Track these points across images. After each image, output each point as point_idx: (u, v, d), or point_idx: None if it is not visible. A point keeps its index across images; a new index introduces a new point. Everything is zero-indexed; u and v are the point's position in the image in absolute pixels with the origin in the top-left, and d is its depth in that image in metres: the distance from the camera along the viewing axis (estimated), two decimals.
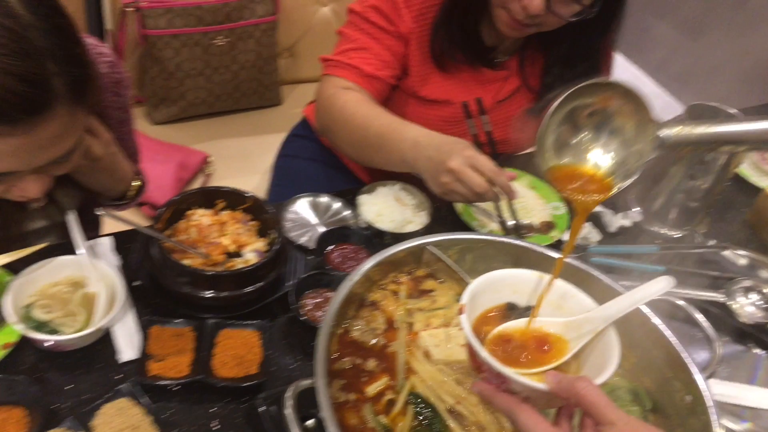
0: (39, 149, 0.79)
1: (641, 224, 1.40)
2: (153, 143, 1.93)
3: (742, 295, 1.21)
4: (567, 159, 0.86)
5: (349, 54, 1.34)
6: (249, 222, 1.15)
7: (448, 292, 0.92)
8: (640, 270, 1.26)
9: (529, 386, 0.66)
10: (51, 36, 0.75)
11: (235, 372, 0.95)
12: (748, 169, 1.64)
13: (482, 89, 1.44)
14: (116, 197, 1.18)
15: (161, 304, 1.03)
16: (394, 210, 1.27)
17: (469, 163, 1.10)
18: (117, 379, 0.94)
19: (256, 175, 1.97)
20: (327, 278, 1.09)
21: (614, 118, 0.84)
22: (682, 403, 0.81)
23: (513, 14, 1.25)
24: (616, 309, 0.74)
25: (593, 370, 0.71)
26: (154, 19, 1.91)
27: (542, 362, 0.73)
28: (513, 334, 0.76)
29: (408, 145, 1.19)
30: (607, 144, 0.85)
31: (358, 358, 0.82)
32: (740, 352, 1.18)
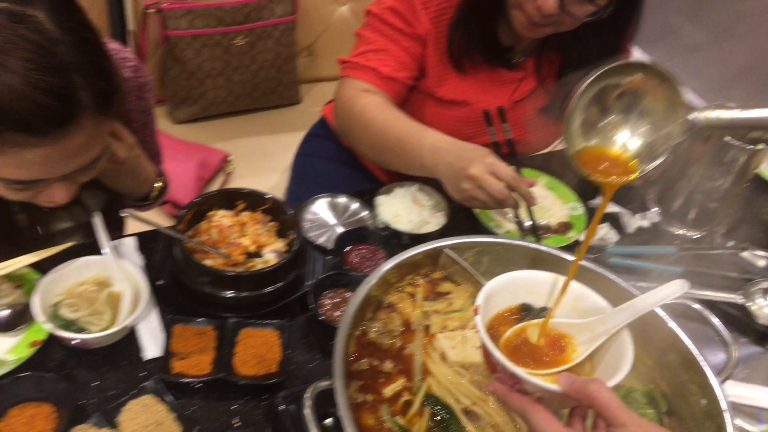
0: (66, 158, 0.81)
1: (660, 225, 1.40)
2: (174, 142, 1.96)
3: (761, 296, 1.21)
4: (594, 140, 0.84)
5: (366, 56, 1.35)
6: (268, 223, 1.17)
7: (465, 294, 0.94)
8: (658, 271, 1.26)
9: (542, 387, 0.67)
10: (78, 50, 0.77)
11: (256, 370, 0.97)
12: (766, 168, 1.62)
13: (499, 90, 1.45)
14: (140, 198, 1.20)
15: (184, 303, 1.05)
16: (411, 211, 1.28)
17: (489, 170, 1.12)
18: (141, 376, 0.96)
19: (275, 173, 1.99)
20: (345, 278, 1.11)
21: (644, 99, 0.82)
22: (698, 407, 0.82)
23: (528, 14, 1.25)
24: (630, 312, 0.75)
25: (607, 372, 0.72)
26: (175, 20, 1.94)
27: (556, 363, 0.74)
28: (528, 335, 0.77)
29: (427, 151, 1.20)
30: (636, 126, 0.83)
31: (376, 360, 0.84)
32: (758, 353, 1.18)
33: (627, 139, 0.82)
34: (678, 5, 2.67)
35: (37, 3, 0.75)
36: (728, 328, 1.19)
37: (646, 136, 0.82)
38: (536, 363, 0.74)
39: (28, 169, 0.80)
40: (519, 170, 1.19)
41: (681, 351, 0.85)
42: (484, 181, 1.12)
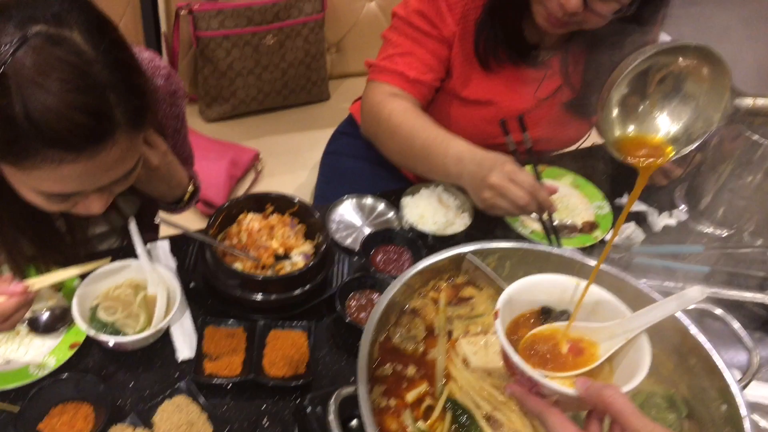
0: (101, 172, 0.85)
1: (687, 223, 1.39)
2: (206, 141, 2.00)
3: None
4: (633, 126, 0.82)
5: (393, 59, 1.37)
6: (296, 225, 1.20)
7: (487, 299, 0.95)
8: (685, 270, 1.26)
9: (559, 390, 0.69)
10: (112, 69, 0.80)
11: (284, 371, 1.00)
12: None
13: (524, 88, 1.45)
14: (173, 201, 1.24)
15: (215, 306, 1.09)
16: (436, 211, 1.30)
17: (509, 178, 1.13)
18: (176, 377, 1.01)
19: (305, 170, 2.02)
20: (371, 280, 1.13)
21: (686, 82, 0.79)
22: (718, 412, 0.83)
23: (551, 11, 1.25)
24: (649, 317, 0.75)
25: (625, 376, 0.73)
26: (206, 21, 1.98)
27: (575, 366, 0.75)
28: (547, 338, 0.78)
29: (452, 161, 1.22)
30: (676, 110, 0.81)
31: (399, 365, 0.86)
32: None
33: (666, 123, 0.80)
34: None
35: (73, 24, 0.78)
36: (755, 327, 1.20)
37: (686, 121, 0.79)
38: (556, 365, 0.75)
39: (65, 183, 0.84)
40: (539, 177, 1.20)
41: (702, 355, 0.85)
42: (504, 189, 1.13)
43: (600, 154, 1.57)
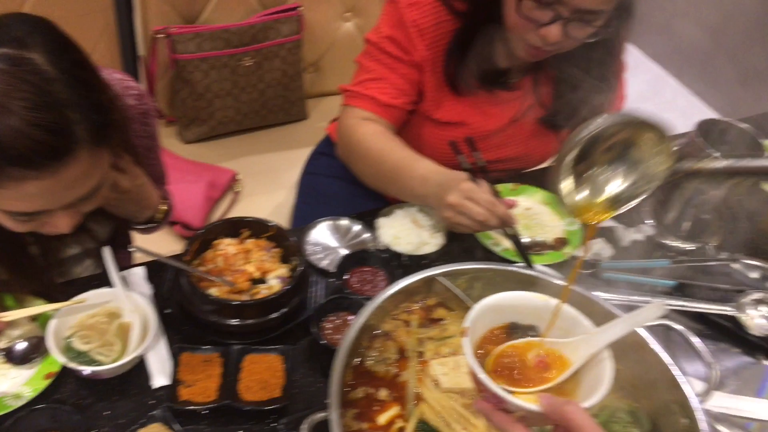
0: (64, 189, 0.87)
1: (654, 238, 1.43)
2: (183, 163, 2.01)
3: (752, 307, 1.23)
4: (584, 191, 0.86)
5: (366, 84, 1.40)
6: (272, 249, 1.22)
7: (458, 320, 0.98)
8: (652, 284, 1.29)
9: (523, 407, 0.71)
10: (72, 87, 0.82)
11: (260, 396, 1.02)
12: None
13: (496, 110, 1.48)
14: (145, 222, 1.26)
15: (191, 332, 1.11)
16: (411, 232, 1.32)
17: (466, 196, 1.16)
18: (150, 404, 1.02)
19: (283, 190, 2.04)
20: (347, 302, 1.15)
21: (632, 148, 0.84)
22: (679, 425, 0.86)
23: (532, 43, 1.28)
24: (611, 334, 0.78)
25: (588, 391, 0.75)
26: (183, 43, 1.99)
27: (541, 381, 0.78)
28: (515, 354, 0.81)
29: (418, 182, 1.25)
30: (623, 173, 0.85)
31: (371, 388, 0.88)
32: (750, 364, 1.21)
33: (614, 186, 0.85)
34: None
35: (35, 46, 0.81)
36: (719, 339, 1.23)
37: (632, 182, 0.84)
38: (523, 381, 0.77)
39: (29, 201, 0.85)
40: (497, 192, 1.22)
41: (663, 370, 0.88)
42: (462, 207, 1.16)
43: None
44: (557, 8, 1.19)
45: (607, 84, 1.47)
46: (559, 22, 1.21)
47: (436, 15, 1.36)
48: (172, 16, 2.02)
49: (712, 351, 1.21)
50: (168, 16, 2.01)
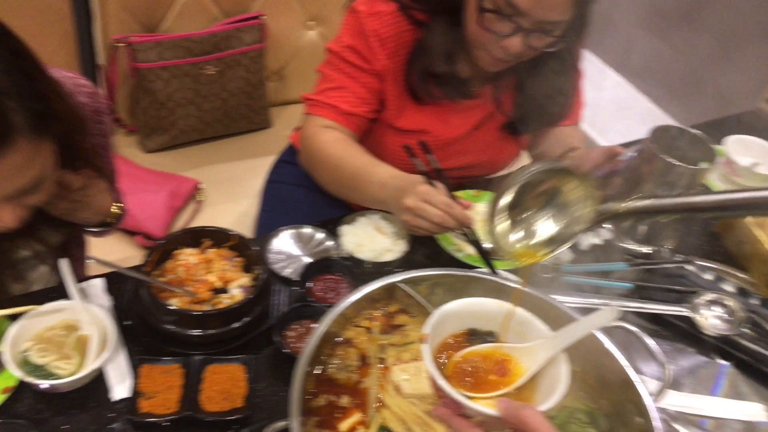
0: (4, 179, 0.86)
1: (612, 241, 1.46)
2: (145, 173, 1.99)
3: (706, 308, 1.27)
4: (518, 235, 0.90)
5: (327, 93, 1.41)
6: (234, 258, 1.21)
7: (419, 326, 0.97)
8: (610, 287, 1.32)
9: (481, 412, 0.72)
10: (10, 75, 0.82)
11: (222, 406, 1.01)
12: (716, 181, 1.69)
13: (457, 117, 1.50)
14: (98, 225, 1.24)
15: (151, 343, 1.09)
16: (373, 239, 1.33)
17: (422, 199, 1.18)
18: (110, 417, 1.00)
19: (247, 199, 2.03)
20: (310, 310, 1.16)
21: (561, 193, 0.88)
22: (634, 425, 0.88)
23: (494, 55, 1.30)
24: (567, 338, 0.80)
25: (545, 395, 0.77)
26: (144, 52, 1.98)
27: (500, 386, 0.79)
28: (474, 359, 0.82)
29: (377, 187, 1.27)
30: (554, 217, 0.89)
31: (333, 395, 0.88)
32: (705, 363, 1.24)
33: (546, 229, 0.88)
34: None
35: None
36: (675, 339, 1.26)
37: (562, 226, 0.88)
38: (482, 386, 0.79)
39: None
40: (453, 194, 1.24)
41: (619, 372, 0.90)
42: (419, 210, 1.18)
43: None
44: (518, 20, 1.22)
45: (565, 91, 1.51)
46: (519, 34, 1.24)
47: (397, 25, 1.37)
48: (132, 25, 2.00)
49: (668, 351, 1.25)
50: (128, 24, 1.99)
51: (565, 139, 1.56)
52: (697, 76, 2.53)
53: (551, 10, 1.21)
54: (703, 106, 2.52)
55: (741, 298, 1.27)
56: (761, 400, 1.18)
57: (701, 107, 2.53)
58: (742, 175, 1.66)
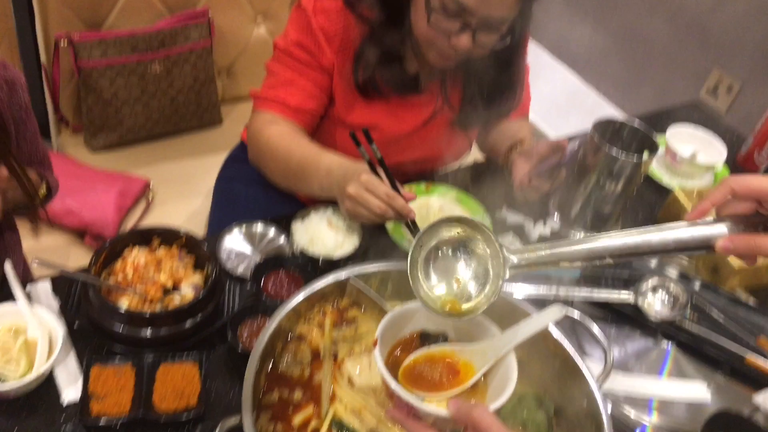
0: None
1: (560, 232, 1.49)
2: (92, 173, 1.95)
3: (650, 294, 1.31)
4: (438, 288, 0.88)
5: (275, 89, 1.41)
6: (185, 257, 1.20)
7: (370, 320, 1.00)
8: (559, 275, 1.35)
9: (433, 413, 0.74)
10: None
11: (175, 405, 1.01)
12: (659, 170, 1.75)
13: (407, 112, 1.51)
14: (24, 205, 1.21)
15: (101, 344, 1.08)
16: (326, 235, 1.33)
17: (365, 188, 1.19)
18: (61, 420, 0.99)
19: (199, 197, 2.01)
20: (263, 306, 1.16)
21: (473, 245, 0.88)
22: (581, 408, 0.90)
23: (443, 52, 1.32)
24: (515, 337, 0.82)
25: (496, 393, 0.79)
26: (87, 50, 1.94)
27: (452, 386, 0.81)
28: (426, 361, 0.83)
29: (323, 175, 1.28)
30: (470, 268, 0.88)
31: (286, 390, 0.89)
32: (649, 347, 1.28)
33: (466, 279, 0.88)
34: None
35: None
36: (622, 324, 1.30)
37: (480, 276, 0.87)
38: (434, 387, 0.80)
39: None
40: (396, 185, 1.25)
41: (564, 357, 0.93)
42: (360, 199, 1.19)
43: (480, 171, 1.66)
44: (465, 18, 1.23)
45: (512, 85, 1.53)
46: (467, 31, 1.26)
47: (344, 21, 1.38)
48: (75, 22, 1.96)
49: (615, 336, 1.29)
50: (70, 21, 1.95)
51: (513, 132, 1.59)
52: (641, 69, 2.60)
53: (497, 7, 1.23)
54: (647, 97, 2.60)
55: (683, 283, 1.32)
56: (704, 380, 1.23)
57: (646, 98, 2.60)
58: (683, 165, 1.72)
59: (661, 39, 2.51)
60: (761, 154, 1.79)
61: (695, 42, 2.35)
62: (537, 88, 1.71)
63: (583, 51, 2.90)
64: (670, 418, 1.16)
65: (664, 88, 2.51)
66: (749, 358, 1.21)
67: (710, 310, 1.30)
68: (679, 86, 2.40)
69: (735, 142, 1.90)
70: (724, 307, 1.32)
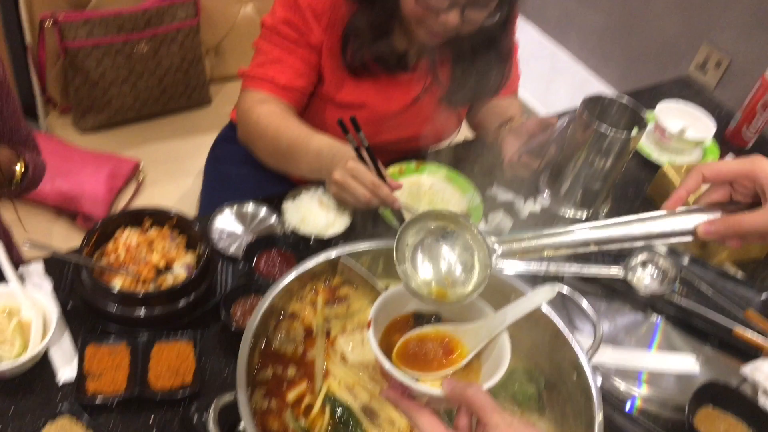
0: None
1: (550, 208, 1.50)
2: (81, 154, 1.94)
3: (640, 268, 1.32)
4: (428, 276, 0.86)
5: (264, 67, 1.40)
6: (177, 238, 1.21)
7: (362, 297, 1.00)
8: None
9: (428, 393, 0.74)
10: None
11: (171, 383, 1.01)
12: (648, 147, 1.76)
13: (396, 90, 1.51)
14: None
15: (95, 324, 1.09)
16: (317, 214, 1.34)
17: (350, 174, 1.20)
18: (57, 399, 1.00)
19: (189, 177, 2.01)
20: (255, 286, 1.16)
21: (460, 237, 0.87)
22: (571, 381, 0.92)
23: (432, 30, 1.31)
24: (508, 317, 0.81)
25: (490, 371, 0.79)
26: (73, 31, 1.92)
27: (446, 365, 0.81)
28: (420, 341, 0.84)
29: (313, 156, 1.28)
30: (459, 257, 0.87)
31: (279, 367, 0.90)
32: (639, 320, 1.30)
33: (452, 268, 0.87)
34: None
35: None
36: (614, 299, 1.32)
37: (468, 264, 0.87)
38: (428, 367, 0.80)
39: None
40: (382, 174, 1.25)
41: (555, 332, 0.94)
42: (346, 185, 1.20)
43: (470, 149, 1.66)
44: None
45: (501, 63, 1.53)
46: (456, 8, 1.25)
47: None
48: (60, 2, 1.94)
49: (606, 311, 1.30)
50: (55, 1, 1.93)
51: (502, 110, 1.59)
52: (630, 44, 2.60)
53: None
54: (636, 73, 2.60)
55: (672, 258, 1.33)
56: (693, 352, 1.25)
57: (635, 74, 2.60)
58: (672, 140, 1.73)
59: (651, 14, 2.50)
60: (749, 129, 1.80)
61: (684, 17, 2.35)
62: (526, 65, 1.71)
63: (572, 27, 2.89)
64: (659, 389, 1.18)
65: (654, 64, 2.51)
66: (737, 330, 1.23)
67: (699, 284, 1.32)
68: (669, 62, 2.40)
69: (724, 118, 1.91)
70: (713, 281, 1.34)
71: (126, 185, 1.97)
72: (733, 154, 1.81)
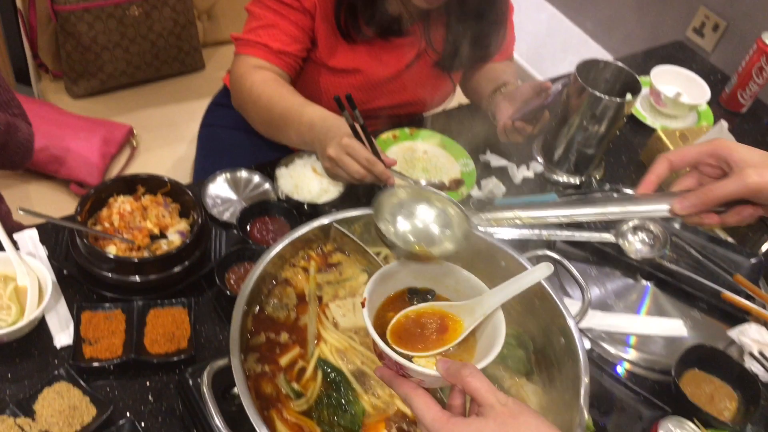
0: None
1: (543, 174, 1.51)
2: (74, 119, 1.94)
3: (630, 234, 1.34)
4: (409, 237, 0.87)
5: (257, 32, 1.39)
6: (170, 204, 1.21)
7: (354, 263, 1.01)
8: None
9: (422, 372, 0.75)
10: None
11: (166, 348, 1.03)
12: (643, 111, 1.75)
13: (389, 55, 1.50)
14: None
15: (91, 290, 1.10)
16: (311, 181, 1.34)
17: (345, 151, 1.19)
18: (55, 363, 1.01)
19: (183, 143, 2.01)
20: (249, 252, 1.17)
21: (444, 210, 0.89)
22: (559, 345, 0.94)
23: None
24: (503, 294, 0.81)
25: (485, 349, 0.79)
26: None
27: (441, 343, 0.80)
28: (414, 318, 0.84)
29: (305, 127, 1.27)
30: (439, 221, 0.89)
31: (272, 333, 0.91)
32: (630, 285, 1.32)
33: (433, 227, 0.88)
34: None
35: None
36: (605, 264, 1.33)
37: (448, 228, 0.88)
38: (423, 344, 0.80)
39: None
40: (376, 150, 1.24)
41: (544, 297, 0.96)
42: (340, 162, 1.19)
43: (463, 115, 1.66)
44: None
45: (496, 27, 1.52)
46: None
47: None
48: None
49: (596, 276, 1.32)
50: None
51: (497, 74, 1.58)
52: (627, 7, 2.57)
53: None
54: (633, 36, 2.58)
55: (663, 223, 1.34)
56: (681, 316, 1.27)
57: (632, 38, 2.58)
58: (667, 105, 1.72)
59: None
60: (745, 94, 1.80)
61: None
62: (522, 29, 1.69)
63: None
64: (647, 353, 1.20)
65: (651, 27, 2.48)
66: (725, 293, 1.25)
67: (689, 249, 1.33)
68: (666, 25, 2.38)
69: (719, 82, 1.90)
70: (703, 246, 1.35)
71: (120, 151, 1.97)
72: (728, 118, 1.81)
